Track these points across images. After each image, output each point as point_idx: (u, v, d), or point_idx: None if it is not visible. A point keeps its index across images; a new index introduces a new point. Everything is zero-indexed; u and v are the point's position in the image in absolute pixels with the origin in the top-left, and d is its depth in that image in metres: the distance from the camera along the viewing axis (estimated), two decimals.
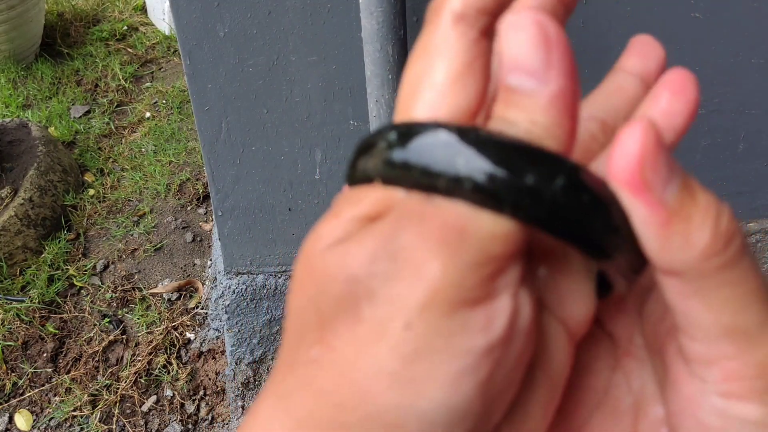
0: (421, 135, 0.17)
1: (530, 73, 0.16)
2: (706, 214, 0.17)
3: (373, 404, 0.16)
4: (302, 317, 0.18)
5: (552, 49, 0.16)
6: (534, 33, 0.16)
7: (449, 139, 0.16)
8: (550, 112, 0.17)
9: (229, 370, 1.47)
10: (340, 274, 0.16)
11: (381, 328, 0.16)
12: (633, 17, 1.05)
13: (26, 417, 1.57)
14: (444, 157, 0.16)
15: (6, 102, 2.59)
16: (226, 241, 1.25)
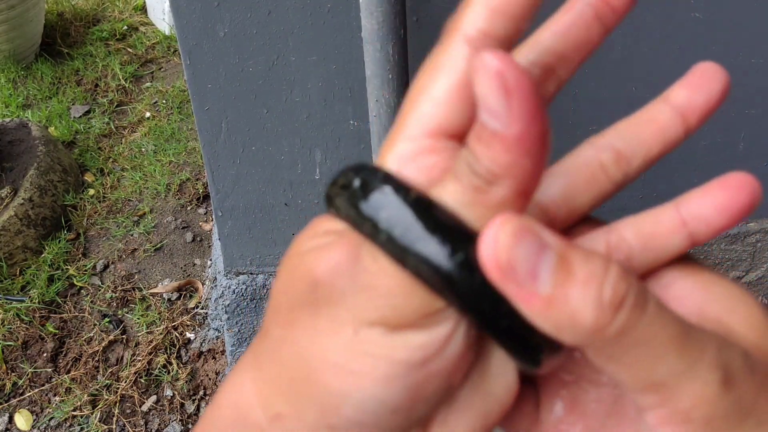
0: (377, 191, 0.19)
1: (494, 114, 0.17)
2: (586, 289, 0.17)
3: (317, 384, 0.19)
4: (278, 300, 0.21)
5: (512, 97, 0.17)
6: (494, 79, 0.17)
7: (397, 204, 0.19)
8: (510, 154, 0.17)
9: (229, 370, 1.47)
10: (308, 276, 0.20)
11: (335, 327, 0.19)
12: (633, 17, 1.05)
13: (26, 417, 1.57)
14: (388, 219, 0.18)
15: (6, 102, 2.59)
16: (226, 241, 1.25)
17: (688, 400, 0.18)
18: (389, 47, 0.88)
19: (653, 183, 1.30)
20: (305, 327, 0.20)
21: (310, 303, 0.20)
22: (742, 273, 1.52)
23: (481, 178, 0.18)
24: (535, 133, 0.17)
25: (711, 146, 1.26)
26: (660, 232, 0.22)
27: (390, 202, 0.19)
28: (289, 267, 0.21)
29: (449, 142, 0.21)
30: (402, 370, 0.19)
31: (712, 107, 0.23)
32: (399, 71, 0.91)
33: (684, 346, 0.18)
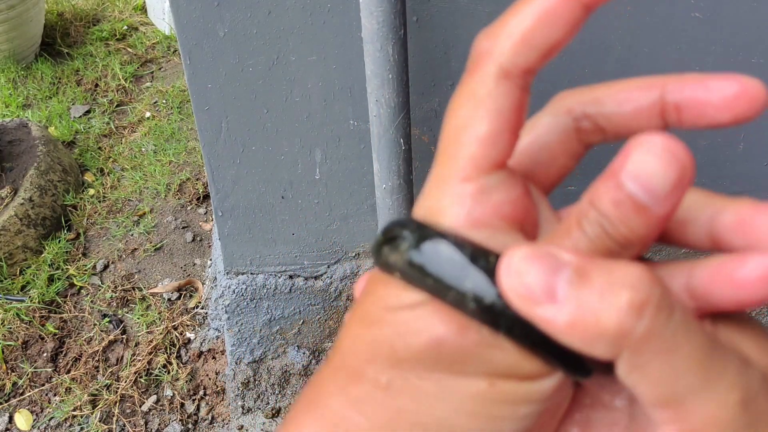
0: (439, 246, 0.20)
1: (651, 192, 0.18)
2: (605, 295, 0.17)
3: (451, 428, 0.20)
4: (363, 345, 0.21)
5: (682, 187, 0.18)
6: (675, 168, 0.18)
7: (461, 259, 0.19)
8: (651, 228, 0.18)
9: (229, 370, 1.47)
10: (423, 335, 0.20)
11: (467, 381, 0.20)
12: (633, 17, 1.05)
13: (26, 417, 1.57)
14: (454, 274, 0.19)
15: (6, 102, 2.59)
16: (226, 241, 1.25)
17: (701, 419, 0.18)
18: (389, 47, 0.88)
19: None
20: (428, 381, 0.20)
21: (430, 358, 0.20)
22: None
23: (615, 243, 0.19)
24: (672, 215, 0.19)
25: (711, 146, 1.26)
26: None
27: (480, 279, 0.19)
28: (377, 320, 0.21)
29: (498, 174, 0.21)
30: (537, 408, 0.20)
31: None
32: (399, 71, 0.91)
33: (707, 361, 0.18)
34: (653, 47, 1.09)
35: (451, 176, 0.21)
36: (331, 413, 0.21)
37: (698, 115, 0.20)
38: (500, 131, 0.21)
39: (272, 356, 1.45)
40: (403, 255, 0.20)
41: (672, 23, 1.07)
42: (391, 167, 1.01)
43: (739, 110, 0.20)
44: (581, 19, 0.21)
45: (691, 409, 0.18)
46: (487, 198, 0.21)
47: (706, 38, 1.10)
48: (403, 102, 0.94)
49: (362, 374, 0.21)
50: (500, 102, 0.21)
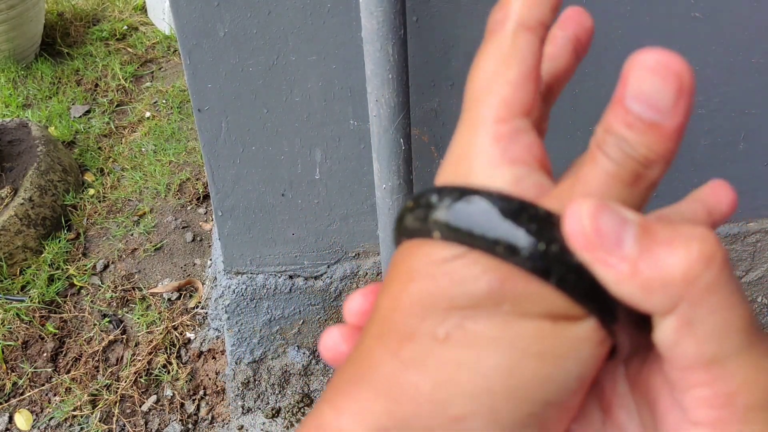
0: (479, 202, 0.20)
1: (656, 108, 0.19)
2: (673, 247, 0.18)
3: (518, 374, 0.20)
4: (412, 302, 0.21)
5: (683, 95, 0.19)
6: (670, 78, 0.19)
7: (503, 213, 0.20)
8: (668, 143, 0.19)
9: (229, 370, 1.47)
10: (483, 278, 0.20)
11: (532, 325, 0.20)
12: (633, 17, 1.05)
13: (26, 417, 1.57)
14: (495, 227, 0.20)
15: (6, 101, 2.59)
16: (226, 241, 1.25)
17: (739, 381, 0.18)
18: (389, 47, 0.88)
19: None
20: (491, 325, 0.20)
21: (490, 304, 0.20)
22: (743, 273, 1.52)
23: (638, 163, 0.20)
24: (685, 125, 0.19)
25: (711, 146, 1.26)
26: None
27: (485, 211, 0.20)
28: (425, 274, 0.21)
29: (527, 118, 0.22)
30: (597, 349, 0.20)
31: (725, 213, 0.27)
32: (399, 71, 0.91)
33: (752, 327, 0.18)
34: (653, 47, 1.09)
35: (485, 119, 0.22)
36: (384, 380, 0.20)
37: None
38: (528, 76, 0.22)
39: (272, 356, 1.45)
40: (446, 212, 0.21)
41: (672, 23, 1.07)
42: (391, 167, 1.01)
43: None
44: None
45: (731, 370, 0.18)
46: (520, 138, 0.22)
47: (706, 38, 1.10)
48: (403, 102, 0.94)
49: (415, 332, 0.20)
50: (525, 51, 0.22)
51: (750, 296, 1.58)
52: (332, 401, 0.21)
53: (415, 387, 0.20)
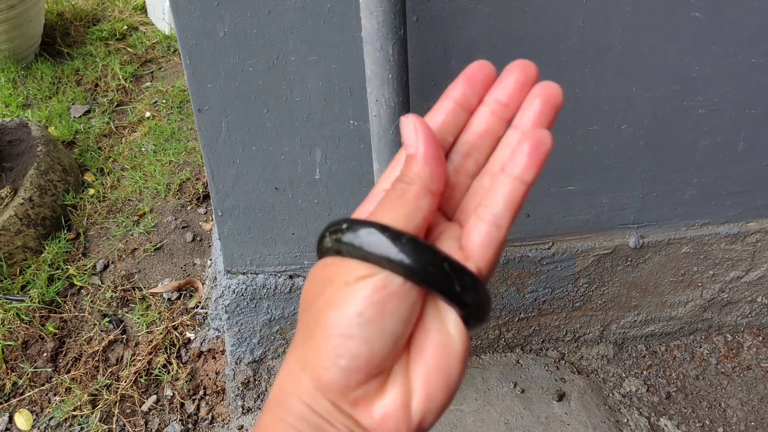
0: (350, 230, 0.33)
1: (410, 145, 0.34)
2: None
3: (333, 316, 0.32)
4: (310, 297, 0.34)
5: (417, 132, 0.34)
6: (409, 125, 0.34)
7: (365, 233, 0.32)
8: (416, 166, 0.34)
9: (229, 370, 1.47)
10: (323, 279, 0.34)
11: (344, 288, 0.33)
12: (633, 16, 1.05)
13: (26, 416, 1.57)
14: (368, 244, 0.32)
15: (6, 101, 2.59)
16: (226, 241, 1.25)
17: None
18: (389, 47, 0.88)
19: (653, 183, 1.30)
20: (324, 298, 0.33)
21: (327, 291, 0.33)
22: (742, 273, 1.52)
23: (404, 183, 0.34)
24: (429, 155, 0.33)
25: (711, 146, 1.26)
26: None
27: (357, 235, 0.33)
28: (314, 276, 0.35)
29: None
30: (369, 293, 0.31)
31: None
32: (399, 71, 0.91)
33: None
34: (653, 47, 1.09)
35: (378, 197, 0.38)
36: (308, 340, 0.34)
37: None
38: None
39: (272, 356, 1.45)
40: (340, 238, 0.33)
41: (672, 23, 1.07)
42: None
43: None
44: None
45: None
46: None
47: (706, 38, 1.10)
48: (403, 102, 0.94)
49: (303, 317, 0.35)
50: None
51: (750, 296, 1.58)
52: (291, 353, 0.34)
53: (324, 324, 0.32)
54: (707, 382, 1.58)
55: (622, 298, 1.52)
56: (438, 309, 0.33)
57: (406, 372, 0.32)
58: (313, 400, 0.31)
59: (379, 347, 0.31)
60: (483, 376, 1.53)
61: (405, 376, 0.32)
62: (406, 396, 0.32)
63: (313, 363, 0.31)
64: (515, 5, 1.00)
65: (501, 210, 0.33)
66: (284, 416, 0.32)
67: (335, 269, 0.32)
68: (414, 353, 0.32)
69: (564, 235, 1.37)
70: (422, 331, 0.32)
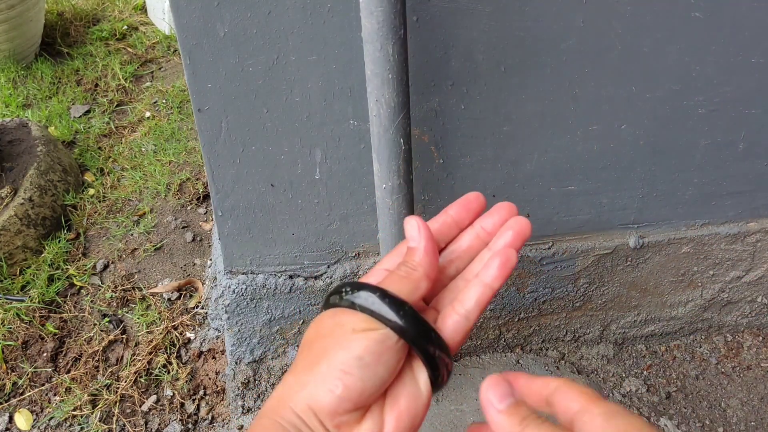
0: (363, 291, 0.41)
1: (413, 240, 0.44)
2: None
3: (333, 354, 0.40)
4: (314, 337, 0.43)
5: (421, 231, 0.44)
6: (413, 224, 0.45)
7: (376, 297, 0.41)
8: (418, 256, 0.44)
9: (229, 370, 1.47)
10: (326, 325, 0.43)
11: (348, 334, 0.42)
12: (633, 16, 1.05)
13: (26, 416, 1.57)
14: (377, 306, 0.41)
15: (6, 101, 2.59)
16: (226, 241, 1.25)
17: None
18: (389, 47, 0.88)
19: (653, 183, 1.30)
20: (331, 338, 0.41)
21: (335, 334, 0.41)
22: (742, 273, 1.52)
23: (409, 268, 0.43)
24: (429, 249, 0.44)
25: (711, 146, 1.26)
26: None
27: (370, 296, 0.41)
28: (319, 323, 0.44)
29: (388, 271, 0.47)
30: (371, 343, 0.39)
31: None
32: (399, 71, 0.91)
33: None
34: (653, 47, 1.09)
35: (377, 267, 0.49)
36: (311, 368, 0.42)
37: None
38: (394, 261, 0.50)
39: (272, 356, 1.45)
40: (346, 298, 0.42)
41: (672, 23, 1.07)
42: (391, 167, 1.01)
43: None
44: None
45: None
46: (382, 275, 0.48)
47: (706, 38, 1.10)
48: (403, 102, 0.94)
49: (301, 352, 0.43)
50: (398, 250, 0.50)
51: (750, 296, 1.58)
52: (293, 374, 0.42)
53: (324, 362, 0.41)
54: (707, 382, 1.58)
55: (622, 298, 1.52)
56: (413, 369, 0.42)
57: (381, 411, 0.41)
58: (305, 415, 0.38)
59: (369, 386, 0.39)
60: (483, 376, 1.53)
61: (380, 414, 0.40)
62: (379, 429, 0.40)
63: (312, 386, 0.39)
64: (515, 5, 1.00)
65: (471, 307, 0.44)
66: (280, 420, 0.39)
67: (345, 317, 0.41)
68: (390, 397, 0.41)
69: (564, 235, 1.37)
70: (399, 383, 0.41)
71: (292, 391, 0.40)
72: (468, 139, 1.14)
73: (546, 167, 1.23)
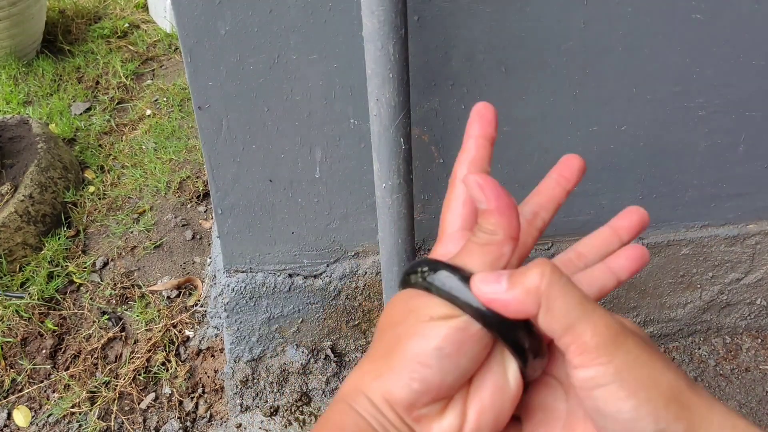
0: (441, 272, 0.36)
1: (481, 201, 0.36)
2: (525, 274, 0.33)
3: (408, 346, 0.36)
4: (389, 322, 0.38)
5: (484, 189, 0.36)
6: (474, 184, 0.36)
7: (455, 279, 0.36)
8: (494, 217, 0.36)
9: (227, 368, 1.47)
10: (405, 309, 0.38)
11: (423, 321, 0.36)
12: (634, 18, 1.05)
13: (25, 413, 1.57)
14: (457, 289, 0.36)
15: (7, 98, 2.59)
16: (225, 239, 1.25)
17: (587, 333, 0.32)
18: (390, 46, 0.88)
19: (653, 184, 1.30)
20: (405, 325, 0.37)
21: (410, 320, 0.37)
22: (742, 275, 1.52)
23: (487, 233, 0.37)
24: (503, 205, 0.36)
25: (711, 148, 1.26)
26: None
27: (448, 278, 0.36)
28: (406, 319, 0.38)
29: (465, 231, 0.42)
30: (451, 332, 0.35)
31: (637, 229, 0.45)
32: (400, 70, 0.91)
33: (584, 302, 0.32)
34: (654, 48, 1.09)
35: (443, 235, 0.43)
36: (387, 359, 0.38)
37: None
38: (462, 208, 0.43)
39: (271, 354, 1.45)
40: (424, 278, 0.37)
41: (672, 24, 1.07)
42: (391, 166, 1.01)
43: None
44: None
45: (579, 331, 0.32)
46: (459, 240, 0.42)
47: (706, 39, 1.10)
48: (404, 101, 0.95)
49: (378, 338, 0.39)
50: (460, 195, 0.43)
51: (749, 298, 1.58)
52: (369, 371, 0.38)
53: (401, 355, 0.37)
54: (706, 384, 1.58)
55: (621, 299, 1.53)
56: (502, 356, 0.37)
57: (464, 402, 0.37)
58: (382, 406, 0.36)
59: (450, 379, 0.35)
60: None
61: (463, 406, 0.37)
62: (461, 422, 0.37)
63: (387, 378, 0.36)
64: (516, 5, 1.00)
65: (593, 292, 0.41)
66: (357, 408, 0.36)
67: (420, 302, 0.37)
68: (474, 388, 0.37)
69: (564, 236, 1.37)
70: (485, 372, 0.37)
71: (367, 379, 0.37)
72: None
73: (546, 168, 1.23)
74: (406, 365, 0.35)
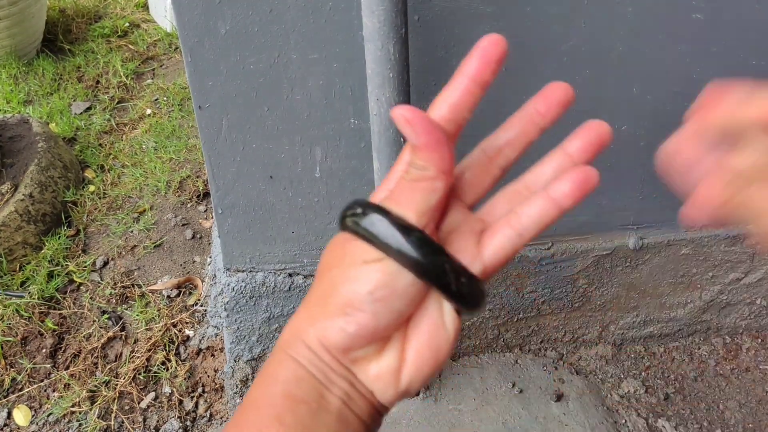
0: (372, 215, 0.35)
1: (410, 137, 0.34)
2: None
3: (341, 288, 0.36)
4: (326, 266, 0.37)
5: (412, 125, 0.34)
6: (401, 119, 0.34)
7: (386, 223, 0.35)
8: (423, 152, 0.35)
9: (227, 368, 1.47)
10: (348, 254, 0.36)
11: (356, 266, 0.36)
12: (634, 18, 1.05)
13: (25, 413, 1.57)
14: (385, 235, 0.34)
15: (7, 98, 2.59)
16: (225, 239, 1.25)
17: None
18: (390, 46, 0.88)
19: (653, 184, 1.30)
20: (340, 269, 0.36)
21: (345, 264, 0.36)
22: (742, 274, 1.52)
23: (418, 169, 0.35)
24: (433, 140, 0.34)
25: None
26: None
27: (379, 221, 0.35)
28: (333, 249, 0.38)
29: None
30: (383, 276, 0.34)
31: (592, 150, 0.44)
32: (400, 70, 0.91)
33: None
34: (654, 48, 1.09)
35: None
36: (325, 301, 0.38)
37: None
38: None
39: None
40: (355, 221, 0.36)
41: (673, 24, 1.07)
42: (391, 166, 1.01)
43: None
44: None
45: None
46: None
47: (706, 39, 1.10)
48: (404, 101, 0.95)
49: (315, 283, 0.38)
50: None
51: (749, 298, 1.58)
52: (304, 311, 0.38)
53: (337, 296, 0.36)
54: (705, 384, 1.58)
55: (621, 299, 1.53)
56: (438, 297, 0.36)
57: (402, 343, 0.37)
58: (318, 350, 0.36)
59: (384, 321, 0.35)
60: (481, 376, 1.53)
61: (401, 346, 0.37)
62: (399, 363, 0.36)
63: (322, 323, 0.36)
64: (517, 5, 1.00)
65: (530, 224, 0.38)
66: (294, 355, 0.36)
67: (353, 246, 0.36)
68: (411, 328, 0.37)
69: (563, 236, 1.37)
70: (422, 312, 0.36)
71: (304, 325, 0.37)
72: (468, 139, 1.14)
73: None
74: (339, 309, 0.35)
